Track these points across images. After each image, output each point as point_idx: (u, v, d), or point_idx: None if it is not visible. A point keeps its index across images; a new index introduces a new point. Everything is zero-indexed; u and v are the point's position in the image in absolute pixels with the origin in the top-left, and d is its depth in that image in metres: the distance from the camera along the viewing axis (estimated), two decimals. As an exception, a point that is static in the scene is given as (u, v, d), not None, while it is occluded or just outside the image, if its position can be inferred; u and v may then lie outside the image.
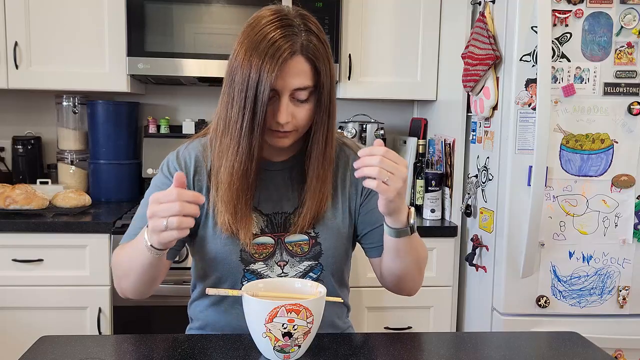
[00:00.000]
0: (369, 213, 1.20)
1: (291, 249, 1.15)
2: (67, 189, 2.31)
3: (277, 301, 0.91)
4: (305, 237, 1.15)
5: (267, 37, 1.02)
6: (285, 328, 0.92)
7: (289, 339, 0.93)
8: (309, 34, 1.05)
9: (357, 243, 1.26)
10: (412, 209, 1.09)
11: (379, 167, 0.98)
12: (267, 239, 1.14)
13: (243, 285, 1.07)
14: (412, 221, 1.07)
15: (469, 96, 2.11)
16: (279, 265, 1.14)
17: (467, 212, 2.12)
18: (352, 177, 1.18)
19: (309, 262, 1.15)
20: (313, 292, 1.00)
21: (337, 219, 1.18)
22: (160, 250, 0.98)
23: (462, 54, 2.03)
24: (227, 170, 1.09)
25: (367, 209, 1.20)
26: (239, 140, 1.07)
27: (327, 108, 1.10)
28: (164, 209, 0.91)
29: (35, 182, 2.39)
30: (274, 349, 0.94)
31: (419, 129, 2.56)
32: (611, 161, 1.85)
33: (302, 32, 1.04)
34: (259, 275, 1.14)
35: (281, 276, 1.14)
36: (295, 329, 0.92)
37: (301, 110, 1.08)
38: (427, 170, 2.33)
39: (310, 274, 1.16)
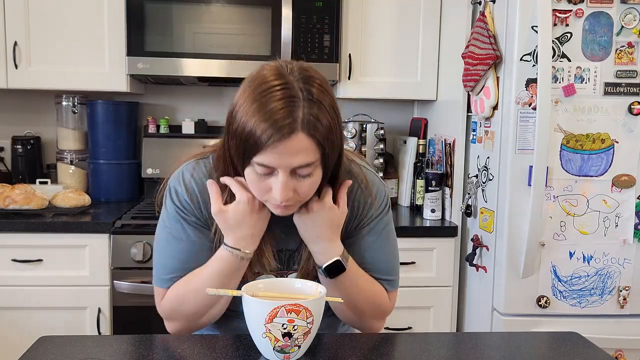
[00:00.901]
0: (362, 252, 1.16)
1: None
2: (67, 189, 2.31)
3: (277, 301, 0.91)
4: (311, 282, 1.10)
5: (267, 106, 0.92)
6: (285, 328, 0.91)
7: (289, 339, 0.93)
8: (311, 105, 0.93)
9: None
10: (338, 258, 1.06)
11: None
12: (271, 278, 1.11)
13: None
14: (324, 266, 1.06)
15: (469, 96, 2.11)
16: None
17: (468, 212, 2.12)
18: (349, 212, 1.12)
19: None
20: (313, 292, 1.00)
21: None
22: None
23: (463, 53, 2.03)
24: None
25: (362, 249, 1.15)
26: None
27: (336, 167, 1.04)
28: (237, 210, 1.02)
29: (34, 182, 2.39)
30: (273, 349, 0.94)
31: (419, 128, 2.56)
32: (611, 161, 1.85)
33: (305, 103, 0.93)
34: None
35: None
36: (295, 329, 0.92)
37: (304, 184, 0.98)
38: (427, 170, 2.33)
39: None
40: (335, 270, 1.07)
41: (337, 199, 1.07)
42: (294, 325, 0.91)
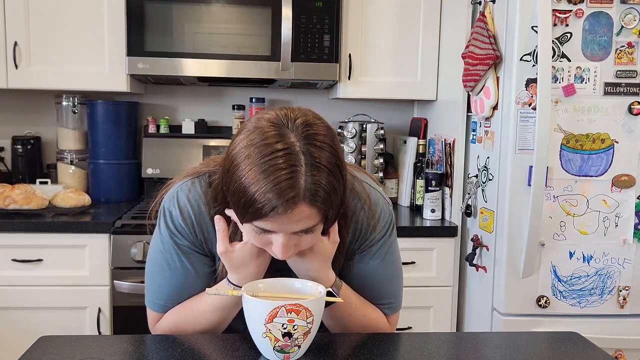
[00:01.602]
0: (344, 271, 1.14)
1: None
2: (67, 189, 2.31)
3: (277, 301, 0.91)
4: None
5: (270, 177, 0.87)
6: (285, 328, 0.91)
7: (289, 339, 0.93)
8: (313, 171, 0.88)
9: None
10: (328, 289, 1.03)
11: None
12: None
13: None
14: (327, 289, 1.03)
15: (469, 96, 2.11)
16: None
17: (467, 212, 2.12)
18: (352, 232, 1.10)
19: None
20: (313, 292, 1.00)
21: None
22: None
23: (462, 53, 2.03)
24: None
25: (363, 272, 1.13)
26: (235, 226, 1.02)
27: (339, 216, 1.00)
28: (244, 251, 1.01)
29: (34, 182, 2.39)
30: (273, 349, 0.94)
31: (419, 128, 2.56)
32: (611, 161, 1.85)
33: (307, 169, 0.88)
34: None
35: None
36: (295, 329, 0.92)
37: (305, 240, 0.96)
38: (427, 170, 2.33)
39: None
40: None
41: (328, 230, 1.03)
42: (294, 325, 0.91)
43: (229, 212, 1.00)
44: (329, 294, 1.03)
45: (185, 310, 1.09)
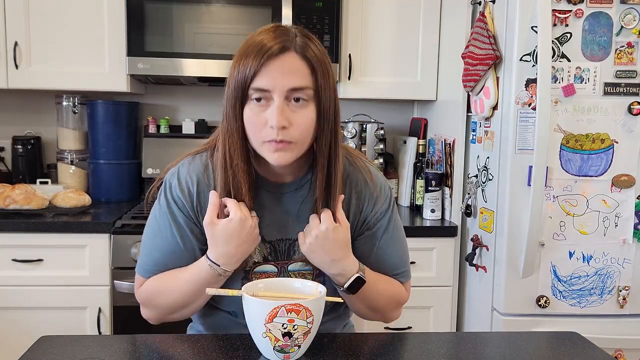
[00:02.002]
0: (371, 248, 1.17)
1: (294, 277, 1.11)
2: (67, 189, 2.31)
3: (277, 301, 0.91)
4: (309, 267, 1.11)
5: (257, 39, 1.01)
6: (285, 328, 0.92)
7: (289, 339, 0.93)
8: (304, 39, 1.02)
9: None
10: (357, 275, 1.08)
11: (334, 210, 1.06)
12: (270, 267, 1.11)
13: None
14: (345, 286, 1.08)
15: (469, 96, 2.11)
16: None
17: (467, 212, 2.12)
18: (356, 204, 1.14)
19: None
20: (313, 292, 1.00)
21: None
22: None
23: (462, 53, 2.03)
24: (224, 192, 1.05)
25: (370, 244, 1.16)
26: (232, 155, 1.03)
27: (330, 120, 1.03)
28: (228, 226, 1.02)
29: (35, 182, 2.39)
30: (274, 349, 0.94)
31: (419, 128, 2.56)
32: (611, 161, 1.85)
33: (297, 37, 1.01)
34: None
35: None
36: (295, 329, 0.92)
37: (299, 116, 0.99)
38: (427, 170, 2.33)
39: None
40: (356, 286, 1.08)
41: (335, 216, 1.07)
42: (294, 325, 0.92)
43: (226, 200, 1.04)
44: (358, 280, 1.07)
45: (166, 278, 1.11)
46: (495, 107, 1.92)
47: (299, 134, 1.00)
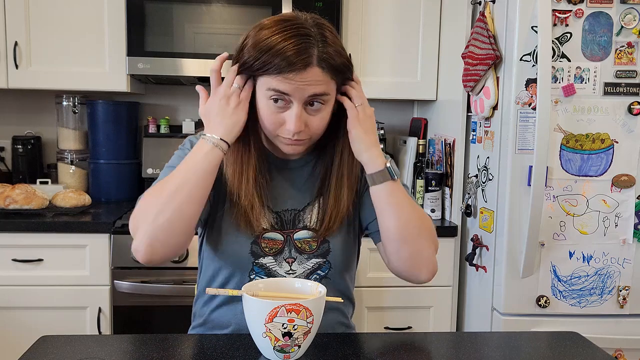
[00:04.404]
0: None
1: (300, 246, 1.15)
2: (67, 189, 2.31)
3: (277, 301, 0.91)
4: (314, 234, 1.15)
5: (280, 44, 1.00)
6: (285, 328, 0.92)
7: (289, 338, 0.93)
8: (325, 46, 1.02)
9: (362, 237, 1.26)
10: (389, 157, 1.13)
11: (358, 91, 1.09)
12: (277, 235, 1.15)
13: (251, 278, 1.12)
14: (388, 164, 1.09)
15: (469, 96, 2.11)
16: (287, 262, 1.15)
17: (467, 212, 2.12)
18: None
19: (317, 260, 1.16)
20: (313, 292, 1.00)
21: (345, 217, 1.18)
22: (227, 144, 1.04)
23: (462, 53, 2.03)
24: (243, 164, 1.10)
25: (371, 198, 1.16)
26: (249, 137, 1.10)
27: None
28: (214, 101, 1.07)
29: (35, 182, 2.39)
30: (274, 348, 0.94)
31: (419, 128, 2.56)
32: (611, 161, 1.85)
33: (319, 44, 1.02)
34: (267, 270, 1.14)
35: (289, 273, 1.14)
36: (295, 329, 0.92)
37: (315, 118, 1.06)
38: (427, 170, 2.33)
39: (319, 271, 1.16)
40: (388, 174, 1.09)
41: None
42: (294, 325, 0.92)
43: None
44: (388, 171, 1.09)
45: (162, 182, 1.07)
46: (495, 107, 1.92)
47: (313, 132, 1.07)
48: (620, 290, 1.90)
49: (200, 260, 1.24)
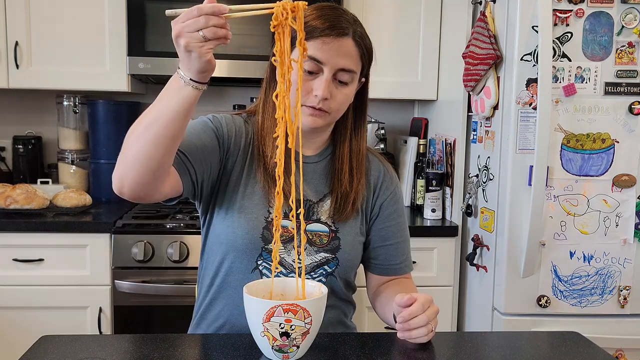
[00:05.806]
0: (385, 229, 1.25)
1: (311, 237, 1.17)
2: (68, 189, 2.31)
3: (274, 300, 0.91)
4: (326, 228, 1.17)
5: (324, 15, 1.09)
6: (282, 328, 0.91)
7: (287, 339, 0.93)
8: (360, 28, 1.12)
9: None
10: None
11: (426, 317, 1.01)
12: (289, 223, 1.15)
13: (258, 264, 1.14)
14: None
15: (469, 96, 2.11)
16: (297, 251, 1.14)
17: (468, 211, 2.12)
18: (379, 187, 1.24)
19: (326, 255, 1.17)
20: (316, 293, 1.00)
21: (357, 220, 1.21)
22: (200, 84, 0.95)
23: (463, 53, 2.03)
24: (256, 158, 1.15)
25: (384, 225, 1.25)
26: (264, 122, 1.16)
27: (361, 101, 1.20)
28: (189, 24, 0.91)
29: (35, 182, 2.39)
30: (272, 348, 0.94)
31: (419, 128, 2.56)
32: (612, 161, 1.85)
33: (356, 25, 1.12)
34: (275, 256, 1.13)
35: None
36: (292, 329, 0.92)
37: (339, 93, 1.11)
38: (427, 170, 2.33)
39: (325, 266, 1.17)
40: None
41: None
42: (292, 325, 0.91)
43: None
44: None
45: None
46: (496, 107, 1.92)
47: (335, 106, 1.12)
48: (621, 290, 1.90)
49: (203, 258, 1.23)
